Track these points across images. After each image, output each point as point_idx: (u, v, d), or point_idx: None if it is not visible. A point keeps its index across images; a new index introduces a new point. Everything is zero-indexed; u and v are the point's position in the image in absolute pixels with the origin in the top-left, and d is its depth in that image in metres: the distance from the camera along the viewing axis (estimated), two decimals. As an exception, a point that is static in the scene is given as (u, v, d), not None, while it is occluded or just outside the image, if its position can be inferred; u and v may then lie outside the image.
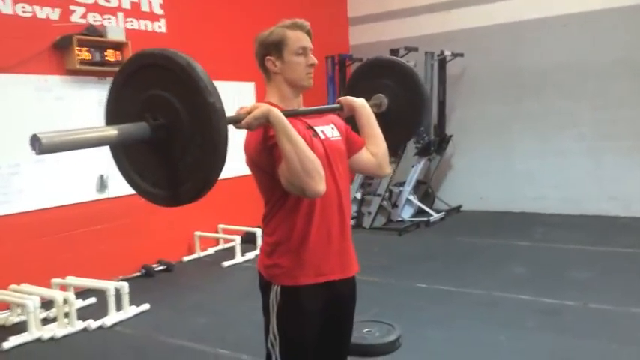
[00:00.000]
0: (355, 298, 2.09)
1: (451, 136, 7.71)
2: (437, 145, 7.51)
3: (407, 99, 2.38)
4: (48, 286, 4.41)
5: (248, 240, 5.97)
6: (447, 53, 7.38)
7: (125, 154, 1.60)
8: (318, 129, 1.93)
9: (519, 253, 5.58)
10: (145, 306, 4.41)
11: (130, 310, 4.29)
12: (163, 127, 1.47)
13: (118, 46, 5.22)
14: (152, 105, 1.49)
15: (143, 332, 4.02)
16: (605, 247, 5.54)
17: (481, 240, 6.20)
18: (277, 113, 1.69)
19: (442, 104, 7.62)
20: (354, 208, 7.45)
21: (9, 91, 4.58)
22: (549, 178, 7.32)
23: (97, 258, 5.03)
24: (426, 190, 7.86)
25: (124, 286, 4.28)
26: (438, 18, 7.88)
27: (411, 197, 7.38)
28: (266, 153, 1.76)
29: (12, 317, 4.25)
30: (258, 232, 5.80)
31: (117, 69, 3.94)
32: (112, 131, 1.42)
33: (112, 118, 1.58)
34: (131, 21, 5.52)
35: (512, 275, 4.85)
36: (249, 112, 1.68)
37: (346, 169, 2.00)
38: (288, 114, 1.85)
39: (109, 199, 5.28)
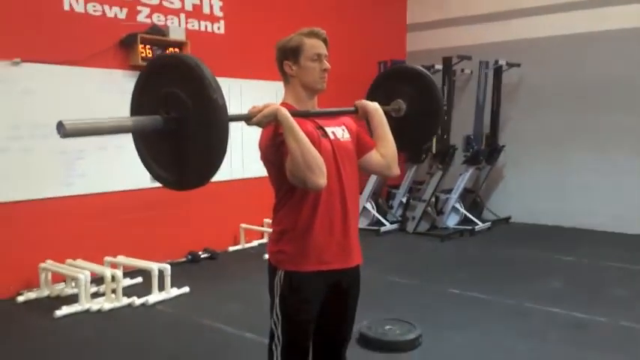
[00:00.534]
0: (357, 287, 2.22)
1: (503, 146, 7.64)
2: (487, 154, 7.46)
3: (424, 107, 2.50)
4: (100, 263, 4.78)
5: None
6: (502, 62, 7.32)
7: (143, 142, 1.82)
8: (328, 129, 2.08)
9: (560, 267, 5.51)
10: (186, 289, 4.70)
11: (171, 292, 4.59)
12: (174, 120, 1.67)
13: (178, 45, 5.56)
14: (167, 100, 1.70)
15: (180, 312, 4.30)
16: (651, 268, 5.38)
17: (524, 252, 6.14)
18: (285, 112, 1.86)
19: (495, 114, 7.57)
20: (399, 212, 7.55)
21: (78, 82, 4.99)
22: (604, 195, 7.13)
23: (147, 241, 5.37)
24: (474, 199, 7.82)
25: (167, 268, 4.58)
26: (497, 27, 7.83)
27: (458, 205, 7.37)
28: (275, 148, 1.93)
29: (66, 289, 4.65)
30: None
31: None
32: (128, 122, 1.64)
33: (134, 110, 1.81)
34: (192, 22, 5.85)
35: (548, 289, 4.81)
36: (260, 111, 1.87)
37: (354, 168, 2.14)
38: (301, 114, 2.02)
39: (162, 188, 5.60)
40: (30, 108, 4.68)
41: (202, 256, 5.77)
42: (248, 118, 1.87)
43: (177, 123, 1.67)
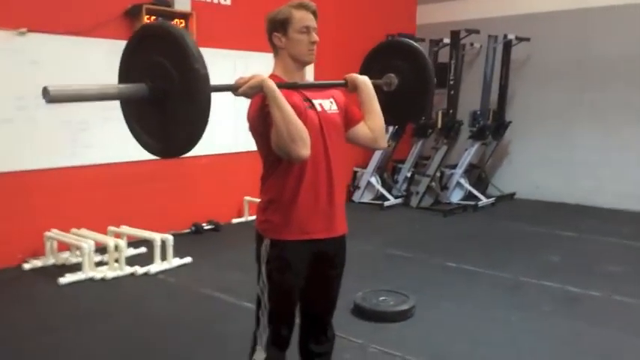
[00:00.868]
0: (342, 257, 2.26)
1: (510, 122, 7.60)
2: (493, 130, 7.43)
3: (415, 81, 2.51)
4: (104, 233, 4.87)
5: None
6: (512, 37, 7.24)
7: (130, 109, 1.86)
8: (315, 102, 2.10)
9: (560, 243, 5.53)
10: (188, 259, 4.79)
11: (173, 262, 4.69)
12: (159, 89, 1.71)
13: (183, 16, 5.56)
14: (153, 69, 1.73)
15: (182, 281, 4.40)
16: (651, 244, 5.40)
17: (525, 227, 6.17)
18: (270, 84, 1.89)
19: (503, 88, 7.52)
20: (404, 186, 7.57)
21: (83, 52, 5.03)
22: (609, 172, 7.10)
23: (151, 212, 5.46)
24: (479, 175, 7.82)
25: (169, 238, 4.67)
26: (507, 1, 7.72)
27: (462, 180, 7.38)
28: (262, 119, 1.96)
29: (71, 258, 4.76)
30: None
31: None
32: (113, 89, 1.69)
33: (123, 76, 1.85)
34: (198, -7, 5.85)
35: (546, 263, 4.84)
36: (246, 82, 1.90)
37: (340, 140, 2.17)
38: (289, 86, 2.04)
39: (166, 160, 5.67)
40: (35, 78, 4.70)
41: (206, 227, 5.86)
42: (234, 89, 1.89)
43: (162, 92, 1.71)
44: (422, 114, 2.72)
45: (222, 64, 5.89)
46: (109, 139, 5.23)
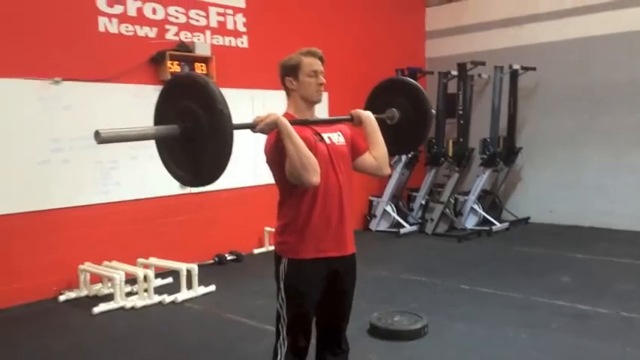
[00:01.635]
0: (353, 273, 2.49)
1: (520, 148, 7.81)
2: (504, 156, 7.64)
3: (415, 115, 2.79)
4: (134, 264, 5.16)
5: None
6: (517, 67, 7.51)
7: (164, 147, 2.16)
8: (325, 135, 2.39)
9: (572, 264, 5.68)
10: (212, 287, 5.05)
11: (198, 290, 4.95)
12: (189, 128, 2.00)
13: (204, 60, 5.95)
14: (183, 112, 2.03)
15: (207, 308, 4.65)
16: (663, 264, 5.51)
17: (538, 250, 6.32)
18: (283, 121, 2.18)
19: (512, 117, 7.75)
20: (419, 213, 7.78)
21: (112, 97, 5.41)
22: (621, 194, 7.24)
23: (177, 244, 5.75)
24: (493, 200, 8.00)
25: (194, 268, 4.94)
26: (512, 32, 8.03)
27: (476, 206, 7.56)
28: (277, 151, 2.24)
29: (103, 289, 5.05)
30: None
31: None
32: (151, 130, 1.98)
33: (157, 120, 2.15)
34: (217, 38, 6.24)
35: (557, 284, 5.00)
36: (262, 120, 2.19)
37: (348, 168, 2.44)
38: (300, 123, 2.33)
39: (190, 194, 6.00)
40: (69, 122, 5.10)
41: (228, 257, 6.12)
42: (253, 126, 2.19)
43: (191, 130, 2.00)
44: (421, 143, 2.99)
45: (241, 103, 6.27)
46: (137, 177, 5.57)
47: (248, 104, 6.30)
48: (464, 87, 7.50)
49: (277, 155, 2.25)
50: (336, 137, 2.43)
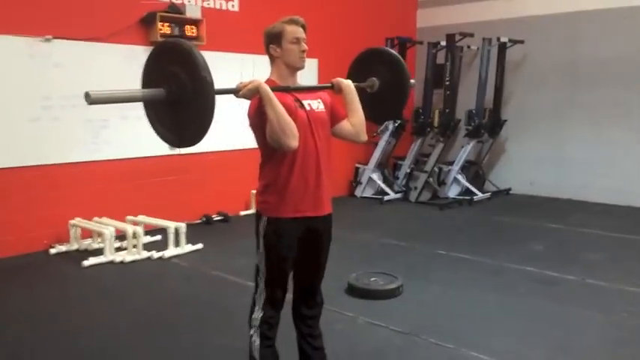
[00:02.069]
0: (329, 232, 2.64)
1: (505, 121, 7.97)
2: (489, 128, 7.80)
3: (394, 84, 2.91)
4: (123, 221, 5.32)
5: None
6: (505, 39, 7.60)
7: (151, 109, 2.28)
8: (305, 102, 2.51)
9: (546, 234, 5.90)
10: (199, 245, 5.23)
11: (186, 247, 5.13)
12: (174, 92, 2.12)
13: (194, 22, 6.00)
14: (169, 76, 2.14)
15: (193, 265, 4.84)
16: (631, 236, 5.74)
17: (515, 220, 6.54)
18: (265, 87, 2.30)
19: (499, 89, 7.88)
20: (404, 182, 7.96)
21: (102, 57, 5.47)
22: (600, 168, 7.45)
23: (165, 204, 5.90)
24: (476, 171, 8.19)
25: (182, 226, 5.12)
26: (503, 4, 8.10)
27: (459, 176, 7.75)
28: (259, 115, 2.37)
29: (93, 244, 5.21)
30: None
31: (193, 43, 4.85)
32: (139, 93, 2.11)
33: (145, 83, 2.26)
34: (208, 0, 6.27)
35: (529, 251, 5.22)
36: (245, 86, 2.31)
37: (326, 134, 2.57)
38: (281, 89, 2.45)
39: (179, 155, 6.12)
40: (59, 81, 5.18)
41: (216, 218, 6.30)
42: (236, 92, 2.31)
43: (176, 94, 2.12)
44: (400, 111, 3.10)
45: (231, 66, 6.35)
46: (126, 136, 5.68)
47: (237, 68, 6.38)
48: (452, 58, 7.59)
49: (259, 119, 2.38)
50: (315, 104, 2.55)
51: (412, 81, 3.04)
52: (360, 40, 8.04)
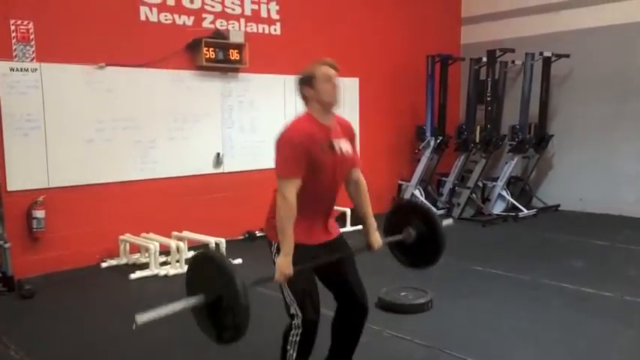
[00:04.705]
0: (344, 244, 2.77)
1: (552, 136, 7.84)
2: (535, 143, 7.69)
3: (428, 235, 3.05)
4: (169, 236, 5.60)
5: (338, 218, 6.76)
6: (548, 54, 7.51)
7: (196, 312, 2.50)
8: (335, 143, 2.61)
9: (589, 250, 5.78)
10: (239, 260, 5.42)
11: (226, 262, 5.32)
12: (212, 299, 2.37)
13: (238, 47, 6.28)
14: (209, 284, 2.39)
15: (232, 278, 5.02)
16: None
17: (558, 236, 6.42)
18: (283, 261, 2.55)
19: (544, 104, 7.77)
20: (446, 198, 7.94)
21: (151, 81, 5.82)
22: (652, 183, 7.20)
23: (210, 220, 6.14)
24: (523, 188, 8.06)
25: (222, 241, 5.35)
26: (548, 19, 8.01)
27: (504, 192, 7.66)
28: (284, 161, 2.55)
29: (141, 258, 5.51)
30: (348, 211, 6.58)
31: (236, 66, 5.14)
32: (180, 304, 2.38)
33: (189, 290, 2.51)
34: (251, 25, 6.56)
35: (568, 268, 5.12)
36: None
37: (345, 173, 2.72)
38: (307, 267, 2.61)
39: (223, 173, 6.40)
40: (111, 104, 5.56)
41: (259, 234, 6.48)
42: (268, 280, 2.57)
43: (214, 301, 2.37)
44: (436, 260, 3.21)
45: (273, 88, 6.60)
46: (173, 156, 6.00)
47: (280, 89, 6.61)
48: (492, 74, 7.56)
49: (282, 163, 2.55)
50: (345, 146, 2.67)
51: (448, 222, 3.21)
52: (401, 58, 8.24)
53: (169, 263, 5.30)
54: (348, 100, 2.34)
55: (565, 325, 3.76)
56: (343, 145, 2.65)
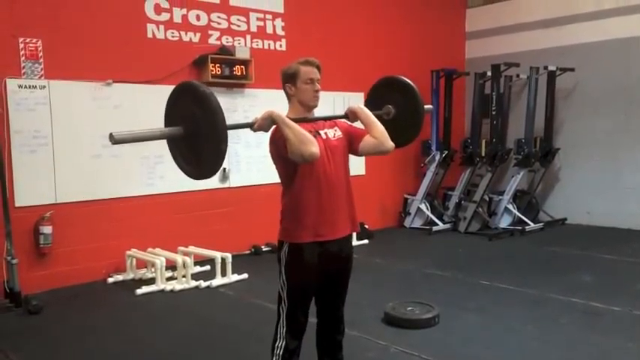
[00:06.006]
0: (347, 256, 2.75)
1: (558, 149, 7.83)
2: (541, 157, 7.68)
3: (408, 109, 3.03)
4: (175, 251, 5.60)
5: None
6: (552, 68, 7.53)
7: (173, 145, 2.49)
8: (322, 131, 2.66)
9: (597, 264, 5.73)
10: (245, 275, 5.43)
11: (232, 277, 5.34)
12: (191, 130, 2.34)
13: (243, 63, 6.33)
14: (187, 115, 2.36)
15: (238, 293, 5.04)
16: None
17: (566, 250, 6.38)
18: (277, 113, 2.47)
19: (549, 118, 7.77)
20: (452, 212, 7.93)
21: (158, 98, 5.76)
22: (659, 196, 7.17)
23: (216, 234, 6.15)
24: (529, 201, 8.04)
25: (228, 256, 5.34)
26: (552, 33, 8.03)
27: (510, 206, 7.64)
28: (275, 144, 2.55)
29: (147, 273, 5.51)
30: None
31: (242, 82, 5.20)
32: (158, 132, 2.34)
33: (167, 122, 2.49)
34: (257, 41, 6.62)
35: (576, 282, 5.09)
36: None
37: (344, 160, 2.70)
38: (299, 120, 2.61)
39: (229, 188, 6.41)
40: (118, 120, 5.57)
41: (264, 249, 6.49)
42: (251, 125, 2.50)
43: (193, 132, 2.33)
44: (416, 135, 3.16)
45: (279, 103, 6.61)
46: (179, 171, 5.97)
47: (285, 104, 6.59)
48: (497, 88, 7.58)
49: (275, 148, 2.56)
50: (332, 133, 2.69)
51: (428, 106, 3.15)
52: (406, 73, 8.15)
53: (175, 278, 5.30)
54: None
55: (573, 341, 3.73)
56: (329, 132, 2.66)
